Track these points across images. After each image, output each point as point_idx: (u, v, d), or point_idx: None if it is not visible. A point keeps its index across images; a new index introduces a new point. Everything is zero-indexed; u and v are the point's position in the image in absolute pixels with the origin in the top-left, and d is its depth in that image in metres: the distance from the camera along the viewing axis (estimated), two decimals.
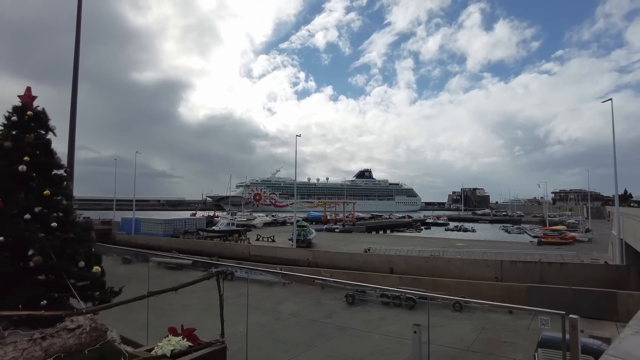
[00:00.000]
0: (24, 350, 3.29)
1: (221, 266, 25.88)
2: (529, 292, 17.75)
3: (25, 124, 4.66)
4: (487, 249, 32.91)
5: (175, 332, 3.21)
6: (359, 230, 60.24)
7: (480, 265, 27.14)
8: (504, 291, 18.82)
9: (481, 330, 14.33)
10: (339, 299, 19.05)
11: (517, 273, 24.90)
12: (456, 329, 14.27)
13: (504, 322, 15.07)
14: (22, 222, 4.24)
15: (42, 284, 4.20)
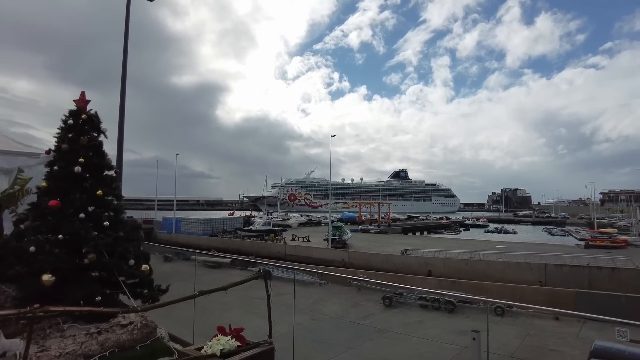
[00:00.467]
0: (82, 343, 3.43)
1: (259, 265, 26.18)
2: (578, 298, 16.86)
3: (79, 126, 4.89)
4: (530, 252, 31.56)
5: (223, 332, 3.25)
6: (395, 231, 59.49)
7: (523, 268, 26.08)
8: (550, 296, 17.99)
9: (525, 337, 13.76)
10: (375, 300, 18.85)
11: (563, 278, 23.73)
12: (498, 334, 13.77)
13: (550, 329, 14.39)
14: (77, 221, 4.44)
15: (96, 280, 4.39)
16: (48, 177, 4.78)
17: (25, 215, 4.70)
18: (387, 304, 18.11)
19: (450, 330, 14.55)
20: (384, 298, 18.29)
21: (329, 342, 12.80)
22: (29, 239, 4.36)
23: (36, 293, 4.07)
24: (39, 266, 4.11)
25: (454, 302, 16.95)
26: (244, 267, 25.85)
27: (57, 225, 4.42)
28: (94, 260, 4.28)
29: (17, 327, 3.76)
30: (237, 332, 3.20)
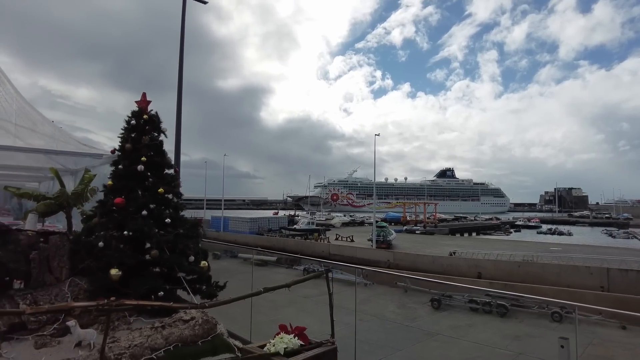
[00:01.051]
0: (149, 337, 3.55)
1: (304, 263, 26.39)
2: None
3: (141, 126, 5.09)
4: (589, 255, 29.63)
5: (285, 330, 3.24)
6: (442, 232, 57.93)
7: (582, 272, 24.46)
8: (615, 303, 16.74)
9: (587, 346, 12.87)
10: (423, 302, 18.41)
11: (629, 283, 22.02)
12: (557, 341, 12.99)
13: (616, 339, 13.38)
14: (140, 218, 4.62)
15: (158, 276, 4.54)
16: (113, 176, 5.00)
17: (93, 212, 4.95)
18: (435, 307, 17.64)
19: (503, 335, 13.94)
20: (432, 300, 17.84)
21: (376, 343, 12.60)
22: (97, 234, 4.59)
23: (105, 286, 4.27)
24: (106, 261, 4.32)
25: (507, 306, 16.23)
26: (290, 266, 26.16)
27: (122, 221, 4.62)
28: (157, 256, 4.43)
29: (89, 318, 3.97)
30: (299, 331, 3.18)
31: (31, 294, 3.94)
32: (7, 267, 3.88)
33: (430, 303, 17.91)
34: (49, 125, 8.89)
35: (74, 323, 3.57)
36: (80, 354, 3.41)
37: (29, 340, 3.58)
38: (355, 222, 70.29)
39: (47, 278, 4.12)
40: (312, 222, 52.30)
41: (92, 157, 8.24)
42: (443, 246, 38.36)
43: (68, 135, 8.67)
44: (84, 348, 3.52)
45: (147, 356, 3.40)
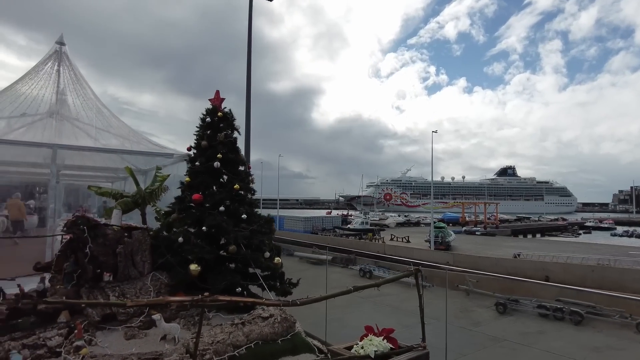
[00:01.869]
0: (230, 333, 3.55)
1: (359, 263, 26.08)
2: None
3: (216, 124, 5.16)
4: None
5: (372, 332, 3.09)
6: (503, 233, 55.17)
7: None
8: None
9: None
10: (487, 306, 17.54)
11: None
12: None
13: None
14: (218, 214, 4.66)
15: (236, 271, 4.57)
16: (190, 173, 5.10)
17: (172, 208, 5.09)
18: (500, 311, 16.72)
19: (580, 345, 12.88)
20: (497, 304, 16.95)
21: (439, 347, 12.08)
22: (176, 230, 4.70)
23: (184, 281, 4.36)
24: (186, 256, 4.40)
25: (582, 313, 15.02)
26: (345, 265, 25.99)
27: (200, 217, 4.69)
28: (234, 252, 4.45)
29: (171, 312, 4.06)
30: (387, 333, 3.01)
31: (119, 286, 4.09)
32: (98, 260, 4.06)
33: (495, 307, 17.01)
34: (124, 127, 9.39)
35: (159, 317, 3.65)
36: (166, 347, 3.46)
37: (119, 331, 3.71)
38: (410, 222, 68.76)
39: (131, 272, 4.27)
40: (366, 222, 51.83)
41: (163, 156, 8.58)
42: (506, 248, 36.48)
43: (141, 137, 9.10)
44: (169, 341, 3.58)
45: (230, 353, 3.39)
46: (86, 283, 3.84)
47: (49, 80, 9.39)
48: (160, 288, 4.25)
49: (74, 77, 9.72)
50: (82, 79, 9.74)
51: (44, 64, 9.47)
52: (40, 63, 9.48)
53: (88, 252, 3.93)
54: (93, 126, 8.83)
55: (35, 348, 3.20)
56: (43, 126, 8.77)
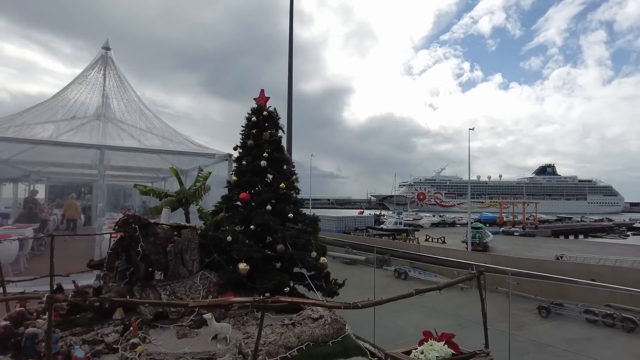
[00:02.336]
0: (282, 334, 3.50)
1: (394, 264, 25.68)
2: None
3: (261, 123, 5.15)
4: None
5: (430, 336, 2.95)
6: (543, 234, 53.13)
7: None
8: None
9: None
10: (529, 310, 16.88)
11: None
12: None
13: None
14: (265, 213, 4.64)
15: (284, 271, 4.53)
16: (237, 172, 5.12)
17: (218, 207, 5.11)
18: (543, 315, 16.05)
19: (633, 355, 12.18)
20: (540, 308, 16.27)
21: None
22: (223, 229, 4.72)
23: (233, 280, 4.35)
24: (234, 255, 4.39)
25: (636, 320, 14.15)
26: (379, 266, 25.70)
27: (247, 216, 4.69)
28: (282, 251, 4.41)
29: (221, 312, 4.05)
30: (448, 338, 2.87)
31: (169, 285, 4.13)
32: (150, 259, 4.11)
33: (537, 311, 16.35)
34: (167, 129, 9.61)
35: (211, 316, 3.64)
36: (218, 347, 3.44)
37: (170, 330, 3.72)
38: (445, 222, 67.31)
39: (181, 270, 4.30)
40: (400, 222, 51.17)
41: (205, 157, 8.72)
42: (547, 249, 35.12)
43: (183, 137, 9.28)
44: (220, 341, 3.57)
45: (282, 354, 3.33)
46: (138, 281, 3.89)
47: (96, 84, 9.74)
48: (210, 287, 4.25)
49: (118, 81, 10.04)
50: (125, 82, 10.05)
51: (92, 69, 9.83)
52: (88, 67, 9.85)
53: (140, 250, 3.97)
54: (136, 127, 9.08)
55: (94, 344, 3.25)
56: (90, 128, 9.10)
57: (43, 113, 8.70)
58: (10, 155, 10.85)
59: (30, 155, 11.28)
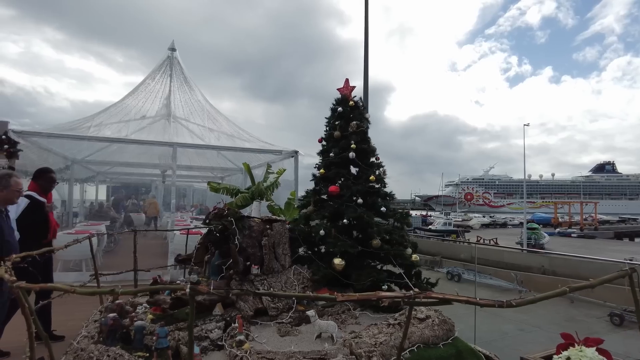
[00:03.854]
0: (391, 335, 3.26)
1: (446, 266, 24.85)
2: None
3: (347, 114, 4.95)
4: None
5: (572, 340, 2.60)
6: (604, 236, 49.73)
7: None
8: None
9: None
10: (598, 317, 15.67)
11: None
12: None
13: None
14: (356, 206, 4.43)
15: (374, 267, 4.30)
16: (324, 164, 4.94)
17: (306, 201, 4.96)
18: (616, 323, 14.82)
19: None
20: (612, 315, 15.05)
21: None
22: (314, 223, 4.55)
23: (327, 276, 4.16)
24: (328, 250, 4.21)
25: None
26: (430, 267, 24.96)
27: (338, 210, 4.50)
28: (379, 246, 4.18)
29: (317, 309, 3.87)
30: (596, 344, 2.51)
31: (266, 279, 4.00)
32: (247, 252, 4.00)
33: (609, 318, 15.16)
34: (233, 127, 9.67)
35: (314, 313, 3.46)
36: (325, 347, 3.25)
37: (271, 327, 3.58)
38: (496, 223, 64.66)
39: (274, 265, 4.17)
40: (449, 223, 49.61)
41: (272, 153, 8.69)
42: (611, 252, 32.68)
43: (250, 135, 9.30)
44: (324, 340, 3.37)
45: (395, 356, 3.08)
46: (237, 275, 3.78)
47: (164, 84, 9.98)
48: (304, 282, 4.10)
49: (183, 80, 10.23)
50: (191, 81, 10.23)
51: (159, 69, 10.08)
52: (156, 69, 10.11)
53: (237, 243, 3.87)
54: (203, 126, 9.19)
55: (199, 340, 3.15)
56: (160, 127, 9.33)
57: (116, 114, 9.00)
58: (84, 156, 11.37)
59: (100, 156, 11.79)
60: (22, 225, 4.03)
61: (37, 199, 4.27)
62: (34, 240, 4.03)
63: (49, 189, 4.44)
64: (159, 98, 9.86)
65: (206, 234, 4.74)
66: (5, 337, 3.96)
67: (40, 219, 4.20)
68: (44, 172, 4.40)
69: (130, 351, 3.09)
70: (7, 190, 3.37)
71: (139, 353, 3.09)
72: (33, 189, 4.34)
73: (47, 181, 4.41)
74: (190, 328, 1.94)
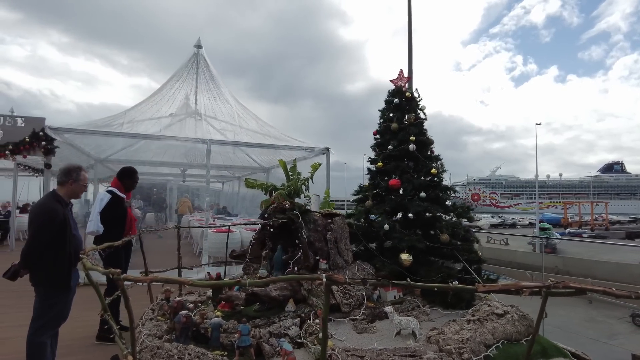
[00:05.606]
0: (475, 330, 3.13)
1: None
2: None
3: (403, 106, 4.83)
4: None
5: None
6: (616, 236, 49.25)
7: None
8: None
9: None
10: (619, 317, 15.43)
11: None
12: None
13: None
14: (419, 200, 4.29)
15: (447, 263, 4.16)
16: (383, 157, 4.81)
17: (363, 195, 4.84)
18: (638, 324, 14.60)
19: None
20: (635, 316, 14.81)
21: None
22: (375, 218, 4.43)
23: (393, 272, 4.03)
24: (394, 245, 4.08)
25: None
26: None
27: (400, 204, 4.36)
28: (447, 241, 4.04)
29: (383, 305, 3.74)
30: None
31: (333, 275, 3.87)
32: (315, 247, 3.87)
33: (630, 319, 14.92)
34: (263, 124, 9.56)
35: (392, 310, 3.33)
36: (408, 343, 3.12)
37: (345, 323, 3.45)
38: (505, 223, 64.20)
39: (338, 260, 4.04)
40: None
41: (304, 150, 8.58)
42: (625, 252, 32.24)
43: (279, 132, 9.20)
44: (405, 337, 3.24)
45: (484, 352, 2.96)
46: (306, 271, 3.65)
47: (191, 81, 9.90)
48: (368, 278, 3.96)
49: (209, 77, 10.14)
50: (217, 78, 10.14)
51: (186, 67, 10.00)
52: (183, 66, 10.02)
53: (305, 238, 3.74)
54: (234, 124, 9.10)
55: (279, 337, 3.03)
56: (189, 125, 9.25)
57: (146, 111, 8.91)
58: (107, 155, 11.31)
59: (123, 155, 11.72)
60: (104, 219, 4.15)
61: (118, 195, 4.36)
62: (115, 233, 4.07)
63: (131, 188, 4.58)
64: (185, 96, 9.79)
65: (261, 229, 4.63)
66: (68, 331, 3.86)
67: (120, 214, 4.24)
68: (132, 173, 4.57)
69: (207, 349, 2.97)
70: (77, 184, 3.28)
71: (217, 352, 2.97)
72: (115, 186, 4.45)
73: (133, 181, 4.57)
74: (324, 321, 1.82)
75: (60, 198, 3.20)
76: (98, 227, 4.19)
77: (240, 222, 8.48)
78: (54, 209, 3.04)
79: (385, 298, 3.92)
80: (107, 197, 4.33)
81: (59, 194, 3.23)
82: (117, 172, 4.53)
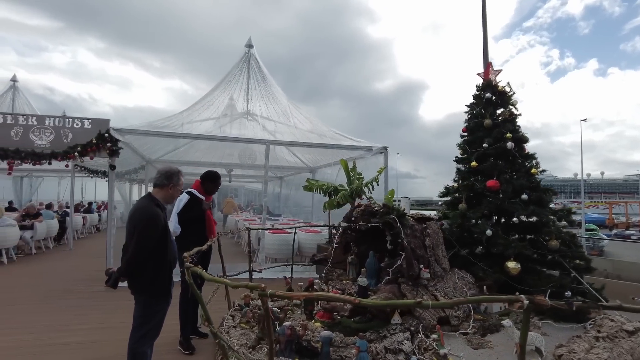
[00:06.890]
0: (612, 349, 2.81)
1: None
2: None
3: (493, 101, 4.51)
4: None
5: None
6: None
7: None
8: None
9: None
10: None
11: None
12: None
13: None
14: (521, 203, 3.97)
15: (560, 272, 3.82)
16: (476, 156, 4.51)
17: (453, 198, 4.56)
18: None
19: None
20: None
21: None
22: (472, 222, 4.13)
23: (497, 281, 3.73)
24: (499, 252, 3.77)
25: None
26: None
27: (500, 207, 4.05)
28: (557, 247, 3.71)
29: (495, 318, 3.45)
30: None
31: (437, 284, 3.61)
32: (417, 254, 3.61)
33: None
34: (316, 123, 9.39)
35: (511, 323, 3.03)
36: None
37: (456, 337, 3.19)
38: None
39: (436, 268, 3.76)
40: None
41: (362, 149, 8.33)
42: None
43: (334, 132, 8.98)
44: (528, 354, 2.95)
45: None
46: (410, 280, 3.40)
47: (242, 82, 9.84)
48: (471, 288, 3.68)
49: (261, 78, 10.04)
50: (269, 78, 10.02)
51: (238, 67, 9.93)
52: (234, 67, 9.96)
53: (407, 244, 3.49)
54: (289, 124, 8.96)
55: (394, 353, 2.79)
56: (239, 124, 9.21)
57: (201, 112, 8.88)
58: (158, 156, 11.41)
59: (173, 155, 11.81)
60: (181, 220, 4.04)
61: (196, 196, 4.23)
62: (192, 235, 3.95)
63: (212, 192, 4.45)
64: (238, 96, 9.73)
65: (342, 233, 4.41)
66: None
67: (197, 216, 4.09)
68: (215, 178, 4.44)
69: None
70: (175, 189, 3.14)
71: None
72: (196, 187, 4.35)
73: (215, 186, 4.42)
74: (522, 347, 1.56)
75: (158, 202, 3.07)
76: (176, 227, 4.10)
77: (313, 224, 8.21)
78: (157, 214, 2.90)
79: (492, 309, 3.62)
80: (185, 198, 4.23)
81: (156, 198, 3.10)
82: (201, 175, 4.41)
